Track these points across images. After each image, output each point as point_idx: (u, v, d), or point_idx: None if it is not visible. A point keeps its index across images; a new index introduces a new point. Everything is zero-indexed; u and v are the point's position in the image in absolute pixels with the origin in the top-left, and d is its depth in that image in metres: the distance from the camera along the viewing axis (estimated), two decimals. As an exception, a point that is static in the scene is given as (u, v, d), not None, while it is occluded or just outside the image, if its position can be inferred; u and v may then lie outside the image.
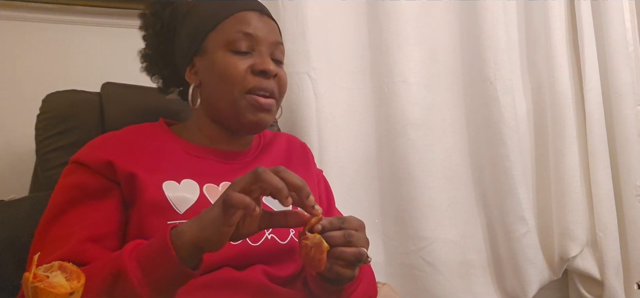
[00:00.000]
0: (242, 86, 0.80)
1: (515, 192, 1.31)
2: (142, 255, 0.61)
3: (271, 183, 0.58)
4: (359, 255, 0.66)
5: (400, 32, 1.30)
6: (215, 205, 0.60)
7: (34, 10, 1.24)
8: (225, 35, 0.82)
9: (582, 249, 1.37)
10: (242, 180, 0.59)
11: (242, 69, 0.80)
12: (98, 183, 0.75)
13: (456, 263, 1.31)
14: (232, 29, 0.81)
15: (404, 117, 1.28)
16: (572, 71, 1.43)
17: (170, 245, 0.59)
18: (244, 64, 0.80)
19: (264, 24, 0.84)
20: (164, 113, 0.94)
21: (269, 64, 0.81)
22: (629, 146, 1.40)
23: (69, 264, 0.56)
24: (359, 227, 0.69)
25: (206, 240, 0.60)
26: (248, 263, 0.76)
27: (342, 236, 0.65)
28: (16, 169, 1.19)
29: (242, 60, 0.81)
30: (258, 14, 0.84)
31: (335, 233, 0.65)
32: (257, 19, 0.83)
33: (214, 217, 0.59)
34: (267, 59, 0.82)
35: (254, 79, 0.80)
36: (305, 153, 0.99)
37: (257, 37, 0.82)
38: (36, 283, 0.51)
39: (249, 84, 0.80)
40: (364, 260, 0.67)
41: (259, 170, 0.59)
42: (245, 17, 0.83)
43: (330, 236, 0.65)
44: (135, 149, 0.79)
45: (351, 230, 0.66)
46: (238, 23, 0.82)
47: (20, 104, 1.18)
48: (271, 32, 0.84)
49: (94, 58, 1.27)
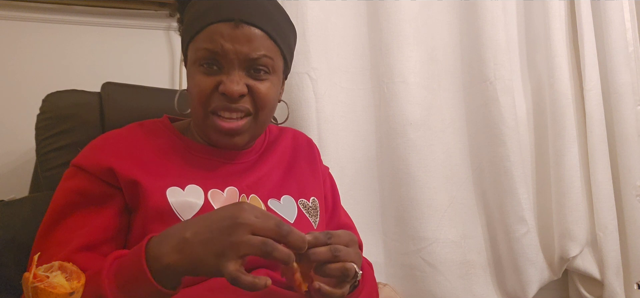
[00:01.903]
0: (207, 105, 0.77)
1: (515, 192, 1.31)
2: (119, 275, 0.59)
3: (294, 240, 0.57)
4: (345, 271, 0.62)
5: (400, 32, 1.30)
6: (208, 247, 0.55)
7: (34, 10, 1.24)
8: (196, 51, 0.78)
9: (582, 249, 1.37)
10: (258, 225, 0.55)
11: (207, 88, 0.76)
12: (98, 189, 0.74)
13: (456, 263, 1.31)
14: (201, 46, 0.77)
15: (404, 117, 1.28)
16: (572, 71, 1.43)
17: (146, 269, 0.56)
18: (210, 83, 0.76)
19: (237, 37, 0.75)
20: (164, 113, 0.94)
21: (232, 84, 0.75)
22: (629, 146, 1.40)
23: (69, 264, 0.57)
24: (349, 242, 0.64)
25: (189, 272, 0.57)
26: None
27: (327, 251, 0.61)
28: (16, 169, 1.19)
29: (209, 79, 0.76)
30: (232, 25, 0.75)
31: (320, 249, 0.61)
32: (229, 33, 0.75)
33: (200, 258, 0.55)
34: (232, 78, 0.75)
35: (218, 98, 0.76)
36: (312, 150, 0.97)
37: (225, 55, 0.75)
38: (36, 283, 0.51)
39: (212, 103, 0.77)
40: (352, 276, 0.63)
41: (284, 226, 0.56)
42: (216, 32, 0.75)
43: (315, 252, 0.60)
44: (138, 151, 0.79)
45: (339, 245, 0.62)
46: (207, 39, 0.76)
47: (20, 104, 1.18)
48: (245, 46, 0.76)
49: (94, 58, 1.27)
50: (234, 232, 0.55)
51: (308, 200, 0.87)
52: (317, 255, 0.61)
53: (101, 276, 0.59)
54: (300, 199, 0.86)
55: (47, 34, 1.25)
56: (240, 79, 0.76)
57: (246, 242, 0.54)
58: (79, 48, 1.27)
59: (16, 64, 1.23)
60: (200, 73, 0.77)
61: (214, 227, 0.56)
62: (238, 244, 0.54)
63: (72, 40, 1.27)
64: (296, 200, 0.85)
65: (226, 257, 0.54)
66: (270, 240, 0.55)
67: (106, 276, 0.59)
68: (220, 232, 0.56)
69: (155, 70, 1.31)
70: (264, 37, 0.78)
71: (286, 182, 0.88)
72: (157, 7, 1.29)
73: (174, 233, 0.58)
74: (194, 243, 0.56)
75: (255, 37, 0.77)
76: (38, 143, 0.98)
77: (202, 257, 0.55)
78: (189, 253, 0.56)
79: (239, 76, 0.76)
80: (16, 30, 1.23)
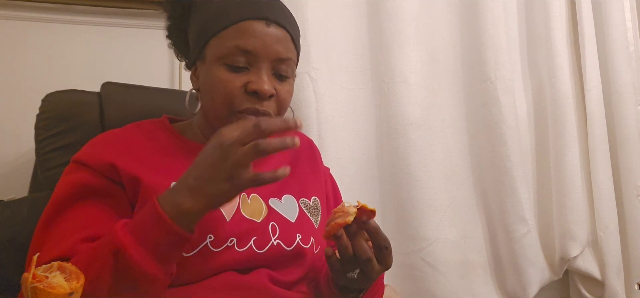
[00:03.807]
0: (234, 106, 0.75)
1: (516, 192, 1.31)
2: (136, 231, 0.61)
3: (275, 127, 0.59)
4: (367, 258, 0.70)
5: (400, 32, 1.30)
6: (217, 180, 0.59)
7: (34, 10, 1.24)
8: (222, 48, 0.75)
9: (582, 249, 1.37)
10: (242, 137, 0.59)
11: (235, 87, 0.74)
12: (100, 183, 0.74)
13: (456, 263, 1.31)
14: (230, 43, 0.74)
15: (404, 117, 1.28)
16: (572, 71, 1.43)
17: (165, 217, 0.60)
18: (238, 82, 0.74)
19: (270, 36, 0.75)
20: (164, 113, 0.93)
21: (263, 83, 0.74)
22: (630, 146, 1.40)
23: (68, 264, 0.56)
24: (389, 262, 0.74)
25: (209, 207, 0.61)
26: (252, 268, 0.75)
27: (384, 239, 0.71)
28: (16, 169, 1.19)
29: (237, 77, 0.74)
30: (264, 23, 0.75)
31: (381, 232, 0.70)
32: (262, 31, 0.75)
33: (215, 192, 0.60)
34: (263, 77, 0.74)
35: (247, 98, 0.74)
36: (313, 151, 0.97)
37: (256, 54, 0.74)
38: (35, 284, 0.50)
39: (241, 105, 0.74)
40: (364, 262, 0.70)
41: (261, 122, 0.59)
42: (248, 29, 0.74)
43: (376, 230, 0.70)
44: (138, 149, 0.78)
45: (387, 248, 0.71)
46: (238, 36, 0.74)
47: (20, 103, 1.18)
48: (276, 45, 0.75)
49: (94, 58, 1.27)
50: (227, 154, 0.59)
51: (309, 199, 0.87)
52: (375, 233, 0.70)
53: (116, 233, 0.60)
54: (301, 198, 0.85)
55: (47, 34, 1.25)
56: (268, 78, 0.75)
57: (242, 154, 0.59)
58: (79, 48, 1.27)
59: (16, 63, 1.23)
60: (226, 70, 0.74)
61: (209, 162, 0.60)
62: (237, 161, 0.59)
63: (72, 40, 1.27)
64: (297, 199, 0.85)
65: (237, 175, 0.59)
66: (260, 140, 0.59)
67: (122, 233, 0.60)
68: (217, 162, 0.60)
69: (155, 70, 1.31)
70: (289, 39, 0.78)
71: (287, 181, 0.87)
72: (157, 7, 1.29)
73: (179, 187, 0.62)
74: (201, 184, 0.61)
75: (284, 39, 0.77)
76: (38, 143, 0.98)
77: (216, 190, 0.60)
78: (202, 194, 0.60)
79: (268, 76, 0.75)
80: (16, 30, 1.23)
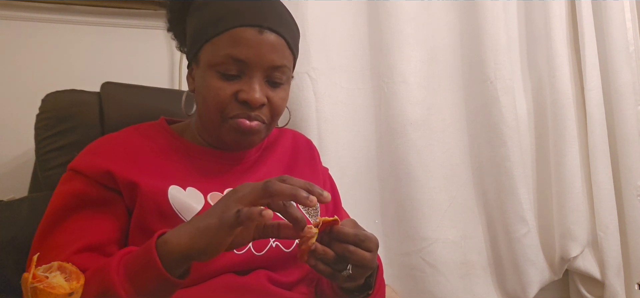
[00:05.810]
0: (225, 113, 0.75)
1: (516, 192, 1.31)
2: (129, 267, 0.59)
3: (284, 193, 0.56)
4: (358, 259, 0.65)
5: (400, 32, 1.30)
6: (211, 215, 0.58)
7: (34, 10, 1.24)
8: (215, 56, 0.74)
9: (582, 249, 1.37)
10: (250, 193, 0.57)
11: (227, 95, 0.74)
12: (96, 192, 0.73)
13: (456, 263, 1.31)
14: (223, 51, 0.73)
15: (404, 117, 1.28)
16: (572, 71, 1.43)
17: (156, 258, 0.57)
18: (229, 90, 0.74)
19: (263, 44, 0.74)
20: (164, 113, 0.93)
21: (254, 93, 0.73)
22: (630, 146, 1.40)
23: (68, 264, 0.57)
24: (375, 247, 0.67)
25: (198, 251, 0.57)
26: (251, 269, 0.75)
27: (354, 236, 0.64)
28: (16, 169, 1.19)
29: (228, 86, 0.74)
30: (257, 30, 0.73)
31: (347, 229, 0.64)
32: (255, 39, 0.73)
33: (210, 227, 0.57)
34: (254, 87, 0.73)
35: (238, 106, 0.74)
36: (311, 151, 0.96)
37: (249, 63, 0.73)
38: (35, 284, 0.51)
39: (232, 112, 0.74)
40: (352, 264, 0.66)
41: (270, 183, 0.57)
42: (241, 37, 0.73)
43: (342, 231, 0.64)
44: (135, 153, 0.78)
45: (366, 237, 0.65)
46: (230, 44, 0.73)
47: (20, 104, 1.18)
48: (269, 54, 0.74)
49: (94, 58, 1.27)
50: (228, 206, 0.57)
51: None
52: (345, 235, 0.64)
53: (110, 268, 0.59)
54: None
55: (47, 34, 1.25)
56: (260, 87, 0.74)
57: (252, 191, 0.58)
58: (79, 48, 1.27)
59: (16, 63, 1.22)
60: (217, 78, 0.74)
61: (212, 212, 0.59)
62: (241, 197, 0.58)
63: (72, 40, 1.27)
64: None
65: (226, 211, 0.57)
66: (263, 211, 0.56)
67: (116, 268, 0.59)
68: (218, 210, 0.58)
69: (155, 70, 1.31)
70: (285, 45, 0.77)
71: None
72: (157, 7, 1.29)
73: (181, 226, 0.61)
74: (200, 222, 0.59)
75: (278, 45, 0.76)
76: (37, 143, 0.98)
77: (204, 224, 0.58)
78: (198, 238, 0.58)
79: (260, 84, 0.75)
80: (16, 30, 1.23)
